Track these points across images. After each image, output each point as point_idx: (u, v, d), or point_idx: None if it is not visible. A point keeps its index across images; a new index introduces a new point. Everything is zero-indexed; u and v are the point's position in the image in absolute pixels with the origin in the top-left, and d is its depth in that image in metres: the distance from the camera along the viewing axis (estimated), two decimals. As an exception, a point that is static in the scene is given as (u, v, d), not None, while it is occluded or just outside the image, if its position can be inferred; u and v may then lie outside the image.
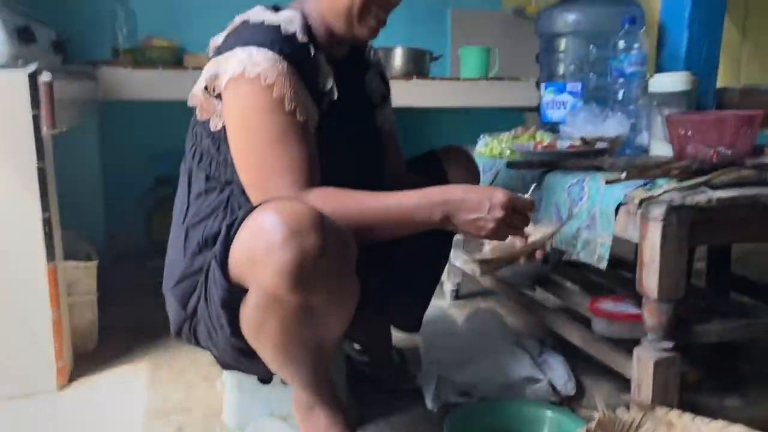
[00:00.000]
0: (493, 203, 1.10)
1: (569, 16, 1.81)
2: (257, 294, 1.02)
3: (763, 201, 1.16)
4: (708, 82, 1.78)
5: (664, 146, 1.59)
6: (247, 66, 1.10)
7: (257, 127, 1.12)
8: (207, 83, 1.17)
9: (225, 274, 1.04)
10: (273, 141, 1.12)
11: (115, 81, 2.32)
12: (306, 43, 1.17)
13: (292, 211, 0.99)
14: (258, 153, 1.13)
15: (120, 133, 2.86)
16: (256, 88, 1.10)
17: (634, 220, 1.21)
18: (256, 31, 1.15)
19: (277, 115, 1.11)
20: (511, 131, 1.86)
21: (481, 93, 2.79)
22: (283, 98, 1.11)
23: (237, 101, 1.13)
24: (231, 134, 1.15)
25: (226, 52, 1.14)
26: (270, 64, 1.10)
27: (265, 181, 1.12)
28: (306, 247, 0.97)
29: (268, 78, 1.10)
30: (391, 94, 1.48)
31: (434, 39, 3.22)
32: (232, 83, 1.12)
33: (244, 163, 1.15)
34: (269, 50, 1.11)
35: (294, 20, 1.18)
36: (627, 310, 1.44)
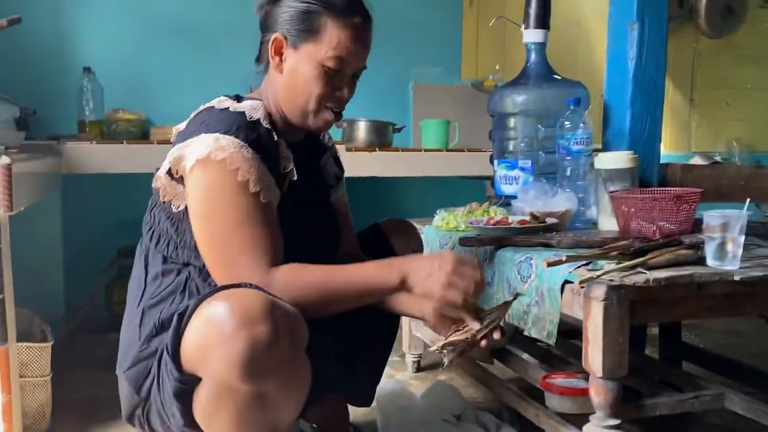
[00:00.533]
0: (442, 259, 1.18)
1: (518, 98, 1.90)
2: (210, 384, 1.03)
3: (698, 280, 1.22)
4: (651, 158, 1.86)
5: (611, 221, 1.66)
6: (213, 150, 1.14)
7: (222, 209, 1.16)
8: (171, 166, 1.21)
9: (177, 365, 1.05)
10: (238, 222, 1.15)
11: (79, 155, 2.35)
12: (269, 129, 1.23)
13: (242, 300, 1.01)
14: (223, 234, 1.16)
15: (82, 205, 2.87)
16: (221, 172, 1.14)
17: (578, 299, 1.25)
18: (222, 118, 1.20)
19: (241, 198, 1.15)
20: (466, 206, 1.91)
21: (443, 163, 2.88)
22: (247, 182, 1.15)
23: (203, 183, 1.16)
24: (195, 216, 1.18)
25: (191, 138, 1.18)
26: (235, 150, 1.15)
27: (230, 262, 1.15)
28: (257, 337, 0.98)
29: (233, 163, 1.14)
30: (344, 175, 1.53)
31: (397, 111, 3.33)
32: (198, 166, 1.16)
33: (208, 244, 1.17)
34: (235, 137, 1.16)
35: (257, 108, 1.24)
36: (579, 385, 1.46)
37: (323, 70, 1.24)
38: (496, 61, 3.59)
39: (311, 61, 1.24)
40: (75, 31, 2.93)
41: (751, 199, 1.55)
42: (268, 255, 1.16)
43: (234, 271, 1.14)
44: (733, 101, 4.17)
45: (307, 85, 1.25)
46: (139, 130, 2.73)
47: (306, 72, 1.24)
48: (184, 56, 3.08)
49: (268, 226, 1.17)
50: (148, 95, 3.01)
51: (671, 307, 1.26)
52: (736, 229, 1.23)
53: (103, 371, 2.12)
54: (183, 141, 1.20)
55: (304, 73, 1.25)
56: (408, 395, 1.78)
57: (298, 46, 1.25)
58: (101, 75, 2.84)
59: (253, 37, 1.34)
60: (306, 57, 1.24)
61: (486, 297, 1.58)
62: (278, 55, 1.27)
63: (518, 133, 1.93)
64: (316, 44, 1.23)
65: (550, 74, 1.94)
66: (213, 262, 1.17)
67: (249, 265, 1.14)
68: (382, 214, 2.72)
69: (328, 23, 1.23)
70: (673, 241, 1.34)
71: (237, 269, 1.14)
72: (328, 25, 1.23)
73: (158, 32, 3.05)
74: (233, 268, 1.14)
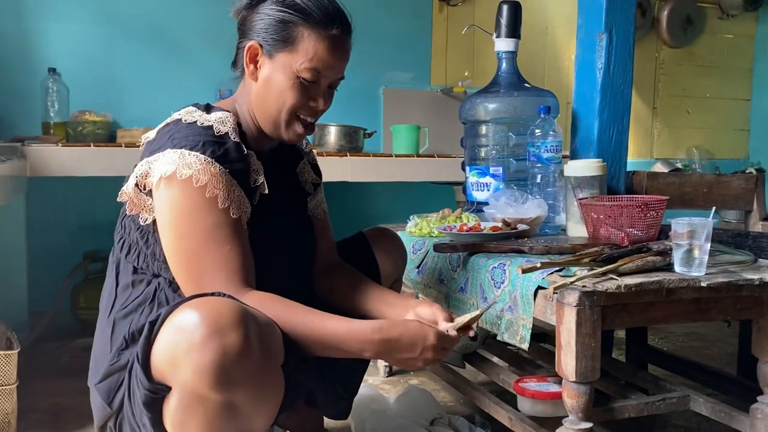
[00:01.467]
0: (426, 346, 1.16)
1: (489, 105, 1.93)
2: (179, 393, 1.02)
3: (667, 286, 1.25)
4: (618, 166, 1.91)
5: (580, 227, 1.69)
6: (179, 167, 1.13)
7: (190, 226, 1.14)
8: (138, 181, 1.19)
9: (147, 374, 1.03)
10: (207, 240, 1.14)
11: (44, 158, 2.30)
12: (238, 143, 1.21)
13: (213, 308, 0.99)
14: (193, 252, 1.14)
15: (47, 208, 2.81)
16: (188, 189, 1.13)
17: (551, 305, 1.28)
18: (189, 132, 1.17)
19: (210, 214, 1.14)
20: (439, 213, 1.94)
21: (413, 168, 2.90)
22: (216, 197, 1.14)
23: (169, 201, 1.14)
24: (164, 234, 1.16)
25: (158, 153, 1.16)
26: (202, 167, 1.13)
27: (200, 280, 1.13)
28: (227, 346, 0.97)
29: (200, 180, 1.13)
30: (322, 181, 1.53)
31: (368, 116, 3.34)
32: (164, 183, 1.14)
33: (178, 263, 1.16)
34: (201, 153, 1.14)
35: (226, 121, 1.21)
36: (550, 389, 1.49)
37: (298, 81, 1.22)
38: (465, 67, 3.64)
39: (286, 71, 1.22)
40: (39, 30, 2.87)
41: (713, 205, 1.60)
42: (239, 273, 1.14)
43: (204, 290, 1.12)
44: (693, 110, 4.31)
45: (280, 95, 1.23)
46: (106, 133, 2.69)
47: (280, 82, 1.23)
48: (151, 58, 3.05)
49: (239, 244, 1.16)
50: (114, 97, 2.97)
51: (641, 313, 1.29)
52: (702, 237, 1.27)
53: (69, 378, 2.10)
54: (150, 154, 1.18)
55: (278, 83, 1.23)
56: (381, 400, 1.79)
57: (273, 55, 1.23)
58: (66, 76, 2.79)
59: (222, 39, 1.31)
60: (281, 67, 1.22)
61: (459, 303, 1.60)
62: (253, 63, 1.25)
63: (489, 141, 1.96)
64: (292, 54, 1.21)
65: (521, 83, 1.98)
66: (183, 281, 1.16)
67: (219, 284, 1.12)
68: (352, 218, 2.74)
69: (304, 34, 1.21)
70: (641, 248, 1.37)
71: (207, 288, 1.12)
72: (305, 36, 1.21)
73: (126, 33, 3.01)
74: (203, 287, 1.12)
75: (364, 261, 1.53)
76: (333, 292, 1.42)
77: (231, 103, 1.31)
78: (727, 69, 4.36)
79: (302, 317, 1.14)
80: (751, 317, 1.38)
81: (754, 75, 4.43)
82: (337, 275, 1.44)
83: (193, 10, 3.08)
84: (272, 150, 1.36)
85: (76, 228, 2.88)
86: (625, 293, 1.22)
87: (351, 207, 3.27)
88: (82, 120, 2.65)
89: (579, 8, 1.97)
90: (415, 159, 2.91)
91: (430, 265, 1.75)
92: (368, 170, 2.81)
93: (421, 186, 3.27)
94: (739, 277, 1.29)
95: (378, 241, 1.57)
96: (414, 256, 1.81)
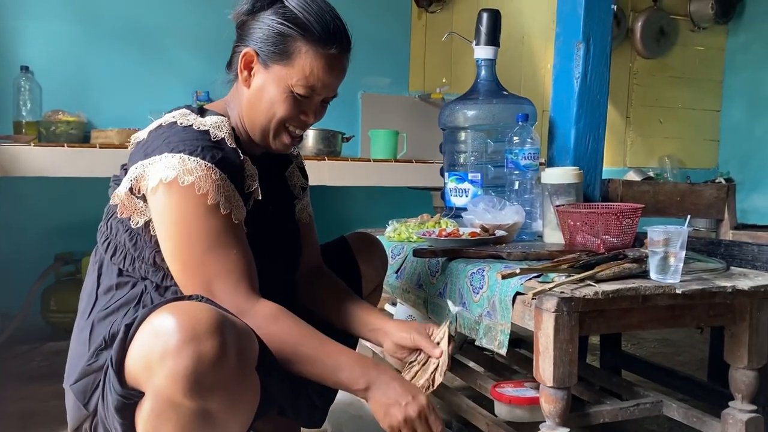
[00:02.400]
0: (413, 401, 1.15)
1: (468, 112, 1.94)
2: (153, 399, 0.99)
3: (643, 293, 1.27)
4: (594, 174, 1.94)
5: (556, 233, 1.71)
6: (180, 174, 1.11)
7: (194, 233, 1.13)
8: (132, 184, 1.17)
9: (120, 378, 1.01)
10: (212, 245, 1.13)
11: (15, 157, 2.25)
12: (234, 149, 1.20)
13: (190, 314, 0.98)
14: (198, 258, 1.13)
15: (17, 209, 2.76)
16: (191, 196, 1.11)
17: (530, 311, 1.29)
18: (186, 137, 1.15)
19: (213, 220, 1.13)
20: (418, 218, 1.94)
21: (391, 173, 2.90)
22: (218, 204, 1.13)
23: (171, 208, 1.13)
24: (166, 241, 1.15)
25: (154, 155, 1.14)
26: (203, 173, 1.12)
27: (207, 287, 1.12)
28: (202, 353, 0.95)
29: (202, 187, 1.12)
30: (308, 185, 1.52)
31: (347, 120, 3.34)
32: (164, 188, 1.12)
33: (183, 270, 1.14)
34: (201, 159, 1.13)
35: (222, 126, 1.20)
36: (527, 394, 1.50)
37: (291, 95, 1.21)
38: (443, 74, 3.67)
39: (280, 84, 1.21)
40: (12, 28, 2.82)
41: (686, 214, 1.63)
42: (245, 279, 1.14)
43: (212, 295, 1.11)
44: (665, 119, 4.39)
45: (272, 106, 1.22)
46: (80, 133, 2.65)
47: (273, 93, 1.21)
48: (127, 57, 3.01)
49: (243, 248, 1.16)
50: (89, 97, 2.92)
51: (618, 319, 1.31)
52: (677, 244, 1.30)
53: (39, 383, 2.06)
54: (144, 156, 1.16)
55: (270, 94, 1.22)
56: (358, 405, 1.78)
57: (268, 65, 1.21)
58: (40, 74, 2.74)
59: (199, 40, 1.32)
60: (275, 78, 1.21)
61: (438, 308, 1.61)
62: (247, 70, 1.23)
63: (468, 147, 1.97)
64: (288, 69, 1.20)
65: (500, 90, 2.00)
66: (190, 288, 1.14)
67: (228, 290, 1.12)
68: (329, 223, 2.73)
69: (302, 50, 1.19)
70: (618, 255, 1.39)
71: (215, 294, 1.11)
72: (302, 52, 1.19)
73: (101, 32, 2.97)
74: (211, 292, 1.12)
75: (346, 266, 1.52)
76: (316, 302, 1.41)
77: (223, 106, 1.29)
78: (698, 80, 4.46)
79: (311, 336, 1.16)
80: (724, 324, 1.41)
81: (724, 86, 4.53)
82: (322, 286, 1.43)
83: (171, 10, 3.05)
84: (263, 154, 1.35)
85: (47, 230, 2.83)
86: (603, 299, 1.24)
87: (329, 211, 3.26)
88: (55, 120, 2.61)
89: (558, 17, 2.00)
90: (393, 164, 2.92)
91: (409, 270, 1.75)
92: (346, 175, 2.81)
93: (399, 191, 3.28)
94: (713, 285, 1.31)
95: (360, 246, 1.57)
96: (393, 260, 1.81)
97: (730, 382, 1.42)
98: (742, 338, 1.39)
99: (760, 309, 1.38)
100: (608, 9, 1.94)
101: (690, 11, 4.34)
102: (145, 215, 1.18)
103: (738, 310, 1.39)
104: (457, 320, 1.35)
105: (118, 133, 2.53)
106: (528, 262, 1.47)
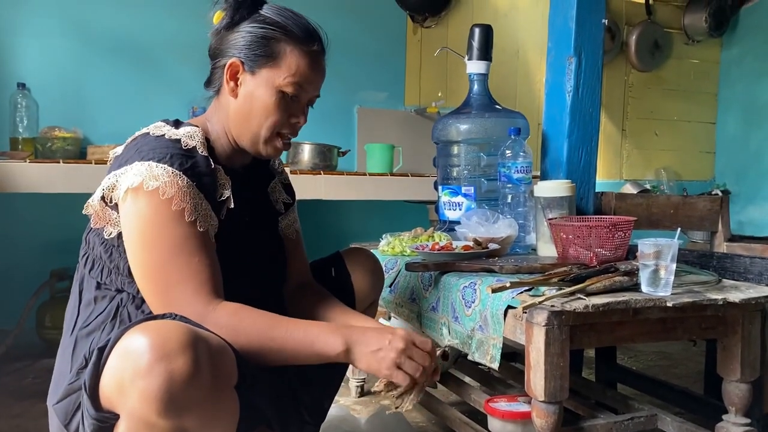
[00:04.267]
0: (394, 335, 1.15)
1: (461, 126, 1.95)
2: (128, 420, 0.98)
3: (633, 306, 1.27)
4: (587, 187, 1.95)
5: (550, 246, 1.71)
6: (146, 179, 1.12)
7: (157, 239, 1.13)
8: (104, 194, 1.18)
9: (95, 402, 1.00)
10: (174, 252, 1.13)
11: (11, 174, 2.26)
12: (205, 157, 1.21)
13: (161, 333, 0.96)
14: (159, 264, 1.13)
15: (13, 225, 2.76)
16: (155, 201, 1.12)
17: (521, 324, 1.29)
18: (157, 145, 1.17)
19: (176, 227, 1.13)
20: (411, 231, 1.95)
21: (387, 187, 2.91)
22: (182, 210, 1.13)
23: (136, 213, 1.13)
24: (130, 246, 1.15)
25: (125, 165, 1.16)
26: (169, 179, 1.13)
27: (167, 293, 1.12)
28: (174, 371, 0.94)
29: (166, 192, 1.12)
30: (296, 202, 1.52)
31: (342, 135, 3.36)
32: (131, 195, 1.13)
33: (144, 275, 1.14)
34: (168, 165, 1.14)
35: (194, 135, 1.21)
36: (520, 408, 1.50)
37: (281, 96, 1.24)
38: (438, 88, 3.68)
39: (269, 86, 1.23)
40: (9, 45, 2.84)
41: (679, 226, 1.63)
42: (207, 285, 1.13)
43: (172, 302, 1.11)
44: (661, 132, 4.40)
45: (263, 111, 1.24)
46: (76, 149, 2.65)
47: (263, 97, 1.24)
48: (123, 74, 3.03)
49: (207, 256, 1.15)
50: (85, 113, 2.94)
51: (609, 332, 1.31)
52: (668, 257, 1.30)
53: (32, 400, 2.05)
54: (117, 167, 1.18)
55: (261, 99, 1.24)
56: (352, 420, 1.78)
57: (255, 71, 1.24)
58: (36, 91, 2.76)
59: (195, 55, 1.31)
60: (263, 82, 1.24)
61: (431, 322, 1.60)
62: (233, 80, 1.25)
63: (461, 161, 1.98)
64: (275, 69, 1.23)
65: (492, 104, 2.01)
66: (150, 294, 1.14)
67: (187, 296, 1.11)
68: (325, 236, 2.74)
69: (287, 49, 1.23)
70: (609, 268, 1.39)
71: (175, 300, 1.11)
72: (287, 51, 1.23)
73: (97, 49, 2.99)
74: (171, 299, 1.11)
75: (340, 282, 1.52)
76: (305, 315, 1.40)
77: (202, 120, 1.31)
78: (693, 93, 4.47)
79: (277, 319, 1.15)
80: (716, 336, 1.41)
81: (719, 99, 4.55)
82: (309, 297, 1.42)
83: (166, 26, 3.07)
84: (244, 167, 1.35)
85: (43, 245, 2.83)
86: (593, 313, 1.24)
87: (324, 225, 3.27)
88: (51, 136, 2.62)
89: (549, 32, 2.01)
90: (388, 178, 2.93)
91: (402, 284, 1.75)
92: (342, 188, 2.81)
93: (395, 204, 3.28)
94: (704, 297, 1.31)
95: (355, 261, 1.56)
96: (387, 274, 1.81)
97: (723, 396, 1.42)
98: (735, 351, 1.39)
99: (751, 321, 1.38)
100: (599, 24, 1.95)
101: (684, 24, 4.37)
102: (118, 226, 1.18)
103: (730, 323, 1.39)
104: (450, 335, 1.35)
105: (114, 150, 2.54)
106: (520, 275, 1.47)
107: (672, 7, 4.36)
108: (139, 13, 3.05)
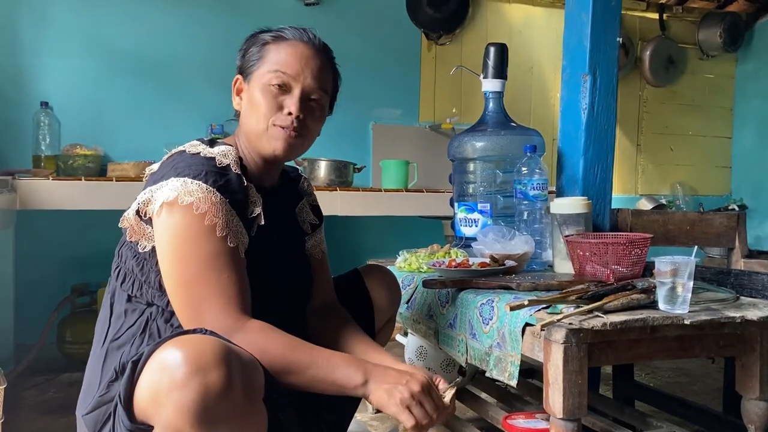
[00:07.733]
0: (413, 376, 1.16)
1: (477, 144, 1.97)
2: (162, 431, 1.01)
3: (651, 324, 1.28)
4: (603, 204, 1.95)
5: (566, 263, 1.72)
6: (181, 194, 1.16)
7: (189, 253, 1.16)
8: (139, 207, 1.21)
9: (129, 414, 1.03)
10: (205, 267, 1.15)
11: (34, 191, 2.31)
12: (239, 175, 1.24)
13: (196, 346, 0.99)
14: (190, 278, 1.15)
15: (36, 241, 2.81)
16: (188, 216, 1.15)
17: (539, 342, 1.30)
18: (192, 162, 1.21)
19: (209, 242, 1.16)
20: (428, 248, 1.96)
21: (402, 203, 2.93)
22: (215, 226, 1.16)
23: (170, 227, 1.17)
24: (163, 259, 1.18)
25: (161, 181, 1.19)
26: (203, 195, 1.16)
27: (197, 307, 1.15)
28: (209, 385, 0.97)
29: (200, 208, 1.15)
30: (323, 223, 1.55)
31: (358, 151, 3.39)
32: (165, 209, 1.17)
33: (175, 288, 1.17)
34: (203, 182, 1.17)
35: (228, 153, 1.25)
36: (538, 425, 1.50)
37: (268, 88, 1.29)
38: (452, 104, 3.71)
39: (258, 85, 1.29)
40: (33, 64, 2.91)
41: (696, 243, 1.64)
42: (235, 301, 1.16)
43: (201, 316, 1.14)
44: (676, 147, 4.39)
45: (256, 106, 1.29)
46: (97, 166, 2.70)
47: (255, 96, 1.29)
48: (143, 92, 3.08)
49: (236, 272, 1.18)
50: (106, 131, 2.99)
51: (626, 350, 1.31)
52: (685, 275, 1.30)
53: (54, 414, 2.08)
54: (153, 183, 1.22)
55: (254, 98, 1.30)
56: (370, 437, 1.79)
57: (250, 79, 1.31)
58: (59, 109, 2.82)
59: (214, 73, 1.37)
60: (255, 83, 1.30)
61: (448, 338, 1.61)
62: (238, 95, 1.34)
63: (477, 177, 1.99)
64: (261, 69, 1.29)
65: (507, 121, 2.02)
66: (180, 307, 1.17)
67: (215, 311, 1.14)
68: (341, 253, 2.75)
69: (272, 49, 1.30)
70: (626, 285, 1.40)
71: (204, 314, 1.14)
72: (272, 50, 1.30)
73: (117, 67, 3.05)
74: (200, 313, 1.14)
75: (358, 299, 1.54)
76: (326, 339, 1.40)
77: (233, 139, 1.36)
78: (708, 107, 4.47)
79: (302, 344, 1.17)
80: (734, 354, 1.40)
81: (735, 113, 4.54)
82: (332, 323, 1.43)
83: (185, 45, 3.13)
84: (272, 187, 1.38)
85: (64, 261, 2.87)
86: (611, 330, 1.24)
87: (340, 241, 3.29)
88: (73, 153, 2.67)
89: (564, 50, 2.03)
90: (404, 194, 2.95)
91: (419, 301, 1.76)
92: (358, 204, 2.84)
93: (410, 220, 3.30)
94: (721, 315, 1.32)
95: (373, 279, 1.58)
96: (403, 291, 1.82)
97: (742, 414, 1.41)
98: (753, 369, 1.38)
99: (770, 339, 1.38)
100: (614, 42, 1.97)
101: (698, 40, 4.37)
102: (152, 240, 1.21)
103: (748, 341, 1.38)
104: (468, 352, 1.35)
105: (134, 166, 2.59)
106: (537, 292, 1.48)
107: (686, 23, 4.37)
108: (159, 33, 3.11)
